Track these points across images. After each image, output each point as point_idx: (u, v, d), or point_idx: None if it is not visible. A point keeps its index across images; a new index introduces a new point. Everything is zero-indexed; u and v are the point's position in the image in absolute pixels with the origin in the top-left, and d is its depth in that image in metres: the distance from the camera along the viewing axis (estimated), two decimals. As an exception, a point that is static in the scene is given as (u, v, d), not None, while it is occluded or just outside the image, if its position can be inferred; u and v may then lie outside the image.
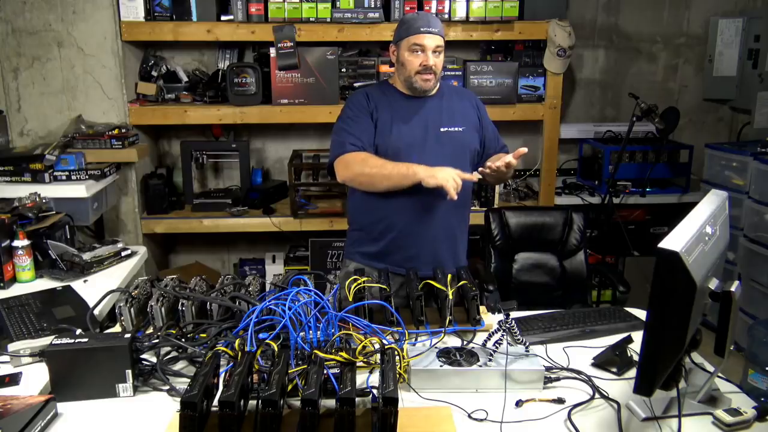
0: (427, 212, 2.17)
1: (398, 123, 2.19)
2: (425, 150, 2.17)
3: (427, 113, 2.22)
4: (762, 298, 3.34)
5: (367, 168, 2.10)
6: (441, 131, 2.20)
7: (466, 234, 2.35)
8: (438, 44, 2.14)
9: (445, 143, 2.19)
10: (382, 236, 2.23)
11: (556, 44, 3.32)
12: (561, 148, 3.71)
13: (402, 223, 2.20)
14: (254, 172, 3.72)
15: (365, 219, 2.28)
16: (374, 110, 2.19)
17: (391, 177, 2.07)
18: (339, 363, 1.40)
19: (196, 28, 3.22)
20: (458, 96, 2.33)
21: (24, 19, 3.08)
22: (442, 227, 2.22)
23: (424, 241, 2.21)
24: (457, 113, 2.26)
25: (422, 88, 2.18)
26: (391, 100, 2.22)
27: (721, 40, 3.96)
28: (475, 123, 2.30)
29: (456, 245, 2.29)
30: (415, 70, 2.14)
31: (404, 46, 2.15)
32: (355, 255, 2.31)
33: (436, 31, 2.14)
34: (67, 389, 1.46)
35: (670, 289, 1.19)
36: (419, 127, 2.19)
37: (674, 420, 1.35)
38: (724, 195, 1.53)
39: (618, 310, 2.00)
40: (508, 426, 1.39)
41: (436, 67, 2.16)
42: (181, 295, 1.75)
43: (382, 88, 2.28)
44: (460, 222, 2.30)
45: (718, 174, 3.68)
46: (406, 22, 2.17)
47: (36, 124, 3.20)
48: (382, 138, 2.17)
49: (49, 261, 2.38)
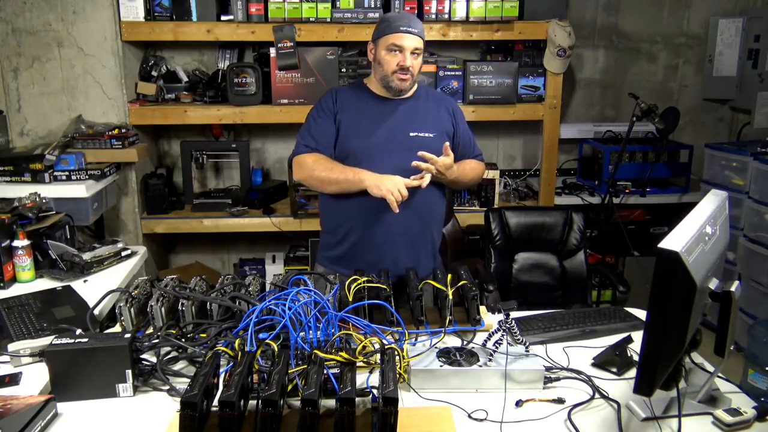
0: (386, 218, 2.10)
1: (364, 125, 2.14)
2: (390, 153, 2.11)
3: (397, 116, 2.17)
4: (762, 298, 3.34)
5: (316, 171, 2.09)
6: (410, 135, 2.15)
7: (432, 239, 2.25)
8: (417, 46, 2.10)
9: (412, 148, 2.07)
10: (344, 240, 2.19)
11: (556, 44, 3.32)
12: (561, 148, 3.71)
13: (362, 228, 2.15)
14: (254, 172, 3.72)
15: (330, 222, 2.25)
16: (339, 111, 2.16)
17: (338, 182, 2.07)
18: (339, 363, 1.40)
19: (196, 28, 3.23)
20: (434, 101, 2.27)
21: (24, 19, 3.08)
22: (401, 233, 2.15)
23: (383, 248, 2.15)
24: (430, 118, 2.20)
25: (398, 88, 2.13)
26: (361, 101, 2.18)
27: (721, 40, 3.96)
28: (448, 129, 2.23)
29: (417, 252, 2.20)
30: (392, 69, 2.10)
31: (382, 45, 2.11)
32: (322, 258, 2.28)
33: (416, 32, 2.09)
34: (67, 389, 1.46)
35: (670, 289, 1.19)
36: (386, 130, 2.14)
37: (674, 420, 1.35)
38: (724, 195, 1.53)
39: (618, 310, 2.00)
40: (508, 426, 1.39)
41: (413, 69, 2.11)
42: (181, 295, 1.75)
43: (356, 88, 2.24)
44: (424, 228, 2.21)
45: (718, 174, 3.68)
46: (386, 20, 2.13)
47: (36, 124, 3.20)
48: (345, 139, 2.14)
49: (49, 261, 2.38)
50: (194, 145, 3.56)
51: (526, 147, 4.02)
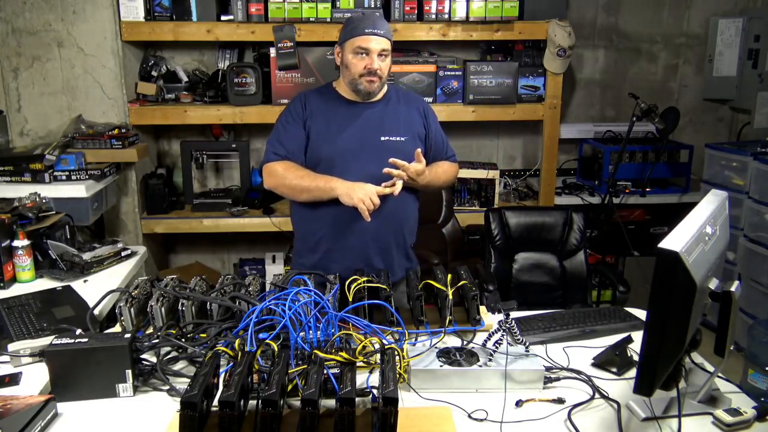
0: (358, 225, 2.06)
1: (334, 130, 2.11)
2: (361, 159, 2.08)
3: (367, 120, 2.13)
4: (762, 298, 3.34)
5: (287, 180, 2.06)
6: (381, 140, 2.11)
7: (404, 242, 2.22)
8: (384, 48, 2.06)
9: (383, 153, 2.05)
10: (316, 248, 2.16)
11: (556, 44, 3.32)
12: (561, 148, 3.71)
13: (333, 235, 2.12)
14: (254, 172, 3.71)
15: (302, 229, 2.22)
16: (308, 117, 2.13)
17: (309, 190, 2.04)
18: (339, 363, 1.40)
19: (196, 28, 3.22)
20: (405, 102, 2.22)
21: (24, 19, 3.08)
22: (373, 239, 2.12)
23: (355, 254, 2.12)
24: (401, 121, 2.16)
25: (366, 90, 2.10)
26: (330, 106, 2.15)
27: (721, 40, 3.95)
28: (420, 132, 2.19)
29: (390, 257, 2.17)
30: (359, 73, 2.06)
31: (348, 48, 2.07)
32: (297, 266, 2.23)
33: (382, 33, 2.05)
34: (67, 389, 1.46)
35: (670, 289, 1.19)
36: (357, 135, 2.11)
37: (674, 420, 1.35)
38: (724, 195, 1.53)
39: (618, 310, 2.00)
40: (508, 426, 1.39)
41: (381, 71, 2.08)
42: (181, 295, 1.75)
43: (324, 91, 2.20)
44: (397, 232, 2.18)
45: (718, 174, 3.68)
46: (352, 23, 2.10)
47: (36, 124, 3.20)
48: (315, 146, 2.11)
49: (49, 261, 2.38)
50: (194, 145, 3.56)
51: (526, 147, 4.02)
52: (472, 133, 3.89)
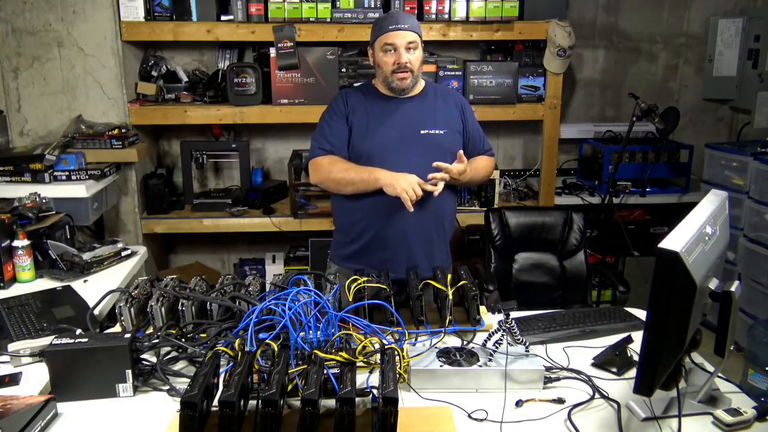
0: (401, 215, 2.10)
1: (374, 125, 2.16)
2: (401, 152, 2.13)
3: (406, 114, 2.18)
4: (762, 298, 3.34)
5: (332, 173, 2.12)
6: (421, 133, 2.17)
7: (445, 236, 2.29)
8: (410, 40, 2.10)
9: (424, 146, 2.14)
10: (358, 238, 2.22)
11: (556, 44, 3.32)
12: (561, 148, 3.71)
13: (376, 225, 2.17)
14: (254, 172, 3.72)
15: (343, 221, 2.27)
16: (350, 113, 2.18)
17: (354, 182, 2.09)
18: (339, 363, 1.40)
19: (196, 28, 3.22)
20: (442, 97, 2.28)
21: (24, 19, 3.08)
22: (416, 230, 2.18)
23: (397, 244, 2.18)
24: (440, 115, 2.21)
25: (399, 87, 2.15)
26: (369, 102, 2.20)
27: (721, 40, 3.96)
28: (458, 126, 2.25)
29: (431, 248, 2.23)
30: (390, 69, 2.12)
31: (377, 48, 2.14)
32: (335, 257, 2.31)
33: (407, 27, 2.10)
34: (67, 389, 1.46)
35: (670, 289, 1.19)
36: (396, 129, 2.16)
37: (674, 420, 1.35)
38: (724, 195, 1.53)
39: (618, 310, 2.00)
40: (508, 426, 1.39)
41: (412, 65, 2.12)
42: (181, 295, 1.75)
43: (364, 89, 2.27)
44: (438, 225, 2.24)
45: (718, 174, 3.68)
46: (377, 23, 2.16)
47: (36, 124, 3.20)
48: (357, 140, 2.16)
49: (49, 261, 2.38)
50: (194, 145, 3.56)
51: (526, 147, 4.02)
52: (472, 133, 3.89)
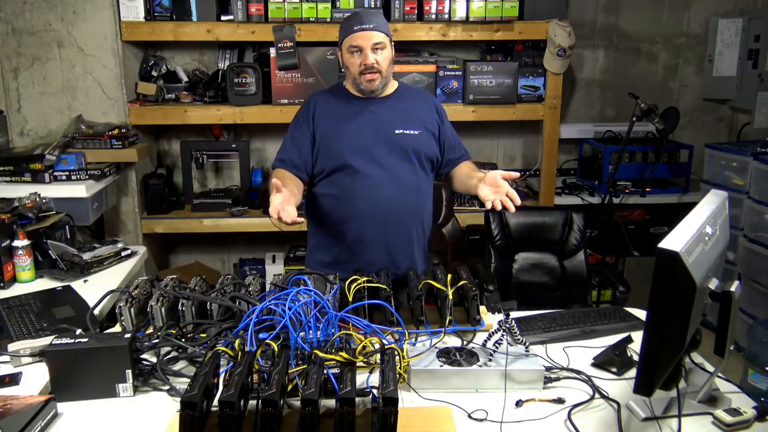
0: (382, 217, 2.08)
1: (345, 125, 2.10)
2: (373, 153, 2.08)
3: (379, 115, 2.12)
4: (762, 298, 3.34)
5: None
6: (395, 133, 2.10)
7: (423, 238, 2.23)
8: (377, 41, 2.02)
9: (397, 146, 2.08)
10: (335, 244, 2.16)
11: (556, 44, 3.32)
12: (561, 148, 3.70)
13: (355, 230, 2.11)
14: (254, 172, 3.72)
15: (319, 226, 2.21)
16: (316, 118, 2.12)
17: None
18: (339, 363, 1.40)
19: (196, 28, 3.23)
20: (417, 98, 2.23)
21: (24, 19, 3.08)
22: (399, 232, 2.13)
23: (379, 248, 2.12)
24: (414, 115, 2.15)
25: (368, 89, 2.09)
26: (340, 104, 2.14)
27: (721, 40, 3.95)
28: (433, 127, 2.18)
29: (412, 249, 2.18)
30: (358, 71, 2.05)
31: (344, 49, 2.08)
32: (311, 263, 2.22)
33: (371, 26, 2.02)
34: (67, 389, 1.46)
35: (670, 289, 1.19)
36: (370, 129, 2.10)
37: (674, 420, 1.35)
38: (724, 195, 1.53)
39: (618, 310, 1.99)
40: (508, 426, 1.39)
41: (379, 65, 2.04)
42: (181, 295, 1.75)
43: (334, 90, 2.21)
44: (417, 225, 2.18)
45: (718, 174, 3.68)
46: (343, 24, 2.09)
47: (36, 124, 3.20)
48: (328, 142, 2.10)
49: (49, 261, 2.38)
50: (194, 145, 3.56)
51: (526, 147, 4.02)
52: (472, 133, 3.89)
